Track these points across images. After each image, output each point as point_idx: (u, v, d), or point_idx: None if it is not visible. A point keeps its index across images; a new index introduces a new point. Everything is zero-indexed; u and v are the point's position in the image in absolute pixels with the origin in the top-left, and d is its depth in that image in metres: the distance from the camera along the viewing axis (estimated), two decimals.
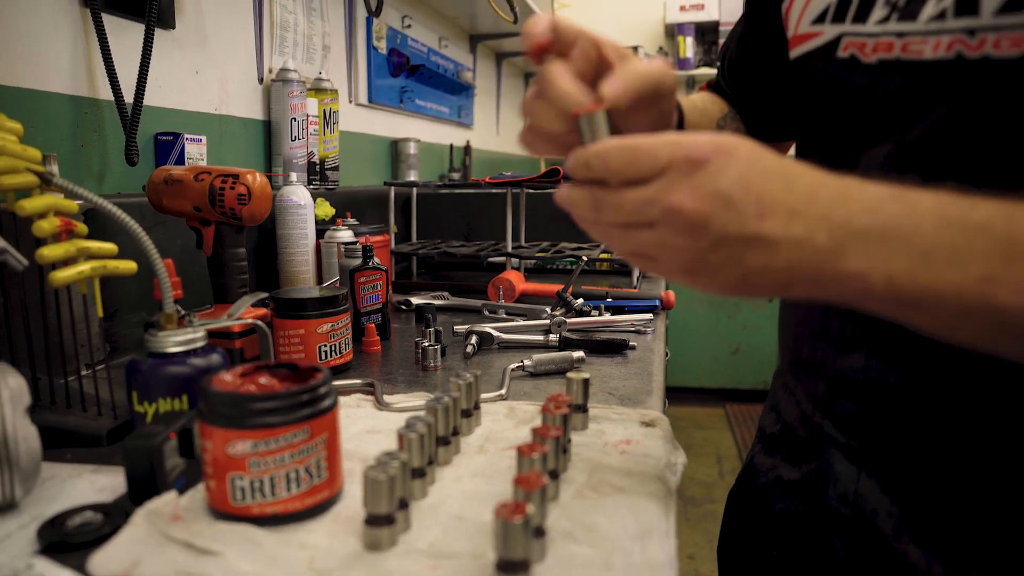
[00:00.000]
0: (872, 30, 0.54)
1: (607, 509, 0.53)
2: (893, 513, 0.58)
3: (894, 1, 0.53)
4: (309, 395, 0.51)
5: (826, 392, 0.63)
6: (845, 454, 0.62)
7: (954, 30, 0.49)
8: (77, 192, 0.63)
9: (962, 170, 0.49)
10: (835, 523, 0.62)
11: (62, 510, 0.53)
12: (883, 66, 0.54)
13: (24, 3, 0.91)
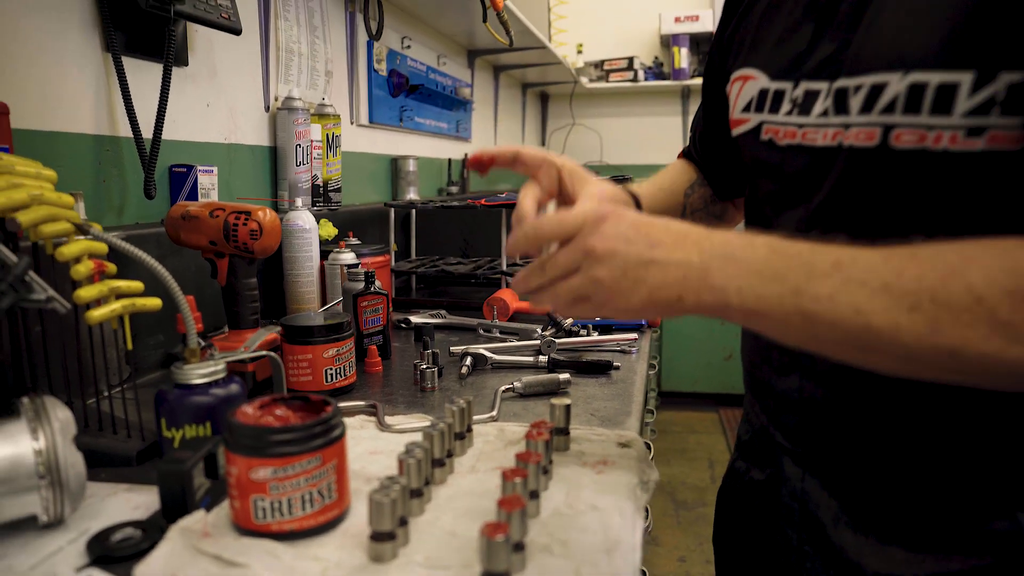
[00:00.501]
0: (782, 120, 0.67)
1: (581, 525, 0.61)
2: (831, 506, 0.70)
3: (794, 99, 0.66)
4: (321, 427, 0.59)
5: (774, 408, 0.75)
6: (792, 459, 0.74)
7: (835, 124, 0.62)
8: (112, 242, 0.71)
9: (852, 228, 0.60)
10: (787, 516, 0.75)
11: (105, 527, 0.61)
12: (791, 149, 0.67)
13: (53, 51, 0.98)
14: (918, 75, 0.55)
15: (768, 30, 0.73)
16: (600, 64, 4.38)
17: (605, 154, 4.56)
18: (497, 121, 3.54)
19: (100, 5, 1.05)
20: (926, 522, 0.64)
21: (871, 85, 0.58)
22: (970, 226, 0.54)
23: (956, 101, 0.54)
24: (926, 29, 0.55)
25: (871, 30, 0.60)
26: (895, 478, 0.65)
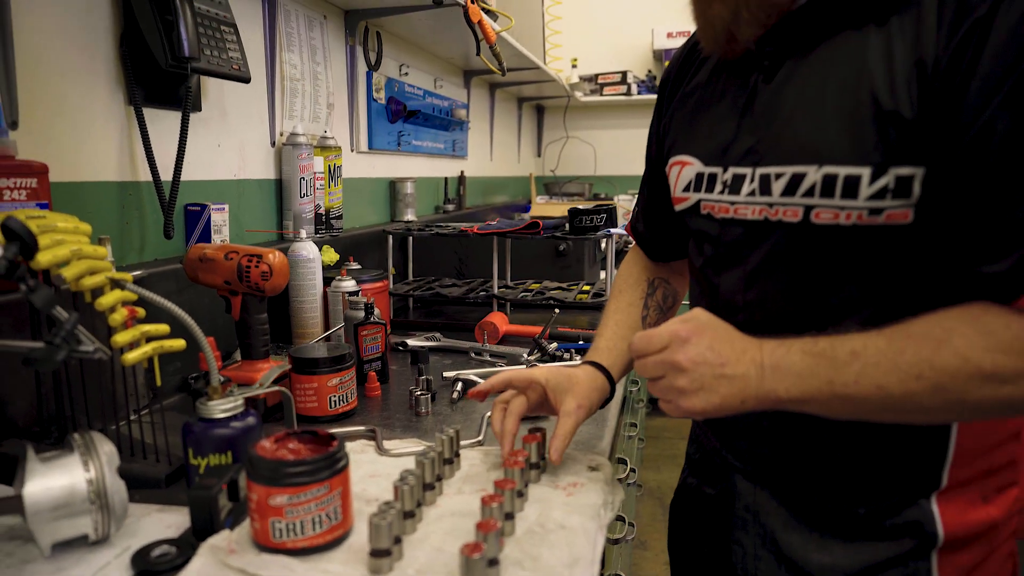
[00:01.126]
0: (716, 198, 0.80)
1: (549, 542, 0.71)
2: (780, 513, 0.82)
3: (725, 181, 0.79)
4: (328, 460, 0.69)
5: (726, 434, 0.87)
6: (744, 476, 0.86)
7: (761, 203, 0.74)
8: (143, 294, 0.82)
9: (782, 286, 0.74)
10: (741, 525, 0.86)
11: (144, 544, 0.71)
12: (727, 221, 0.79)
13: (83, 109, 1.09)
14: (830, 168, 0.68)
15: (699, 124, 0.85)
16: (594, 78, 4.48)
17: (599, 166, 4.67)
18: (493, 136, 3.64)
19: (124, 65, 1.15)
20: (857, 518, 0.77)
21: (791, 174, 0.71)
22: (877, 280, 0.69)
23: (860, 189, 0.66)
24: (834, 133, 0.68)
25: (785, 131, 0.73)
26: (829, 485, 0.78)
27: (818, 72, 0.71)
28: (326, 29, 1.83)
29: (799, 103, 0.72)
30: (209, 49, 1.21)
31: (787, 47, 0.74)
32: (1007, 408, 0.64)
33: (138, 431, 0.95)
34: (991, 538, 0.76)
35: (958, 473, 0.74)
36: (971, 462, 0.74)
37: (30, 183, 0.93)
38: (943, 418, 0.69)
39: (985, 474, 0.75)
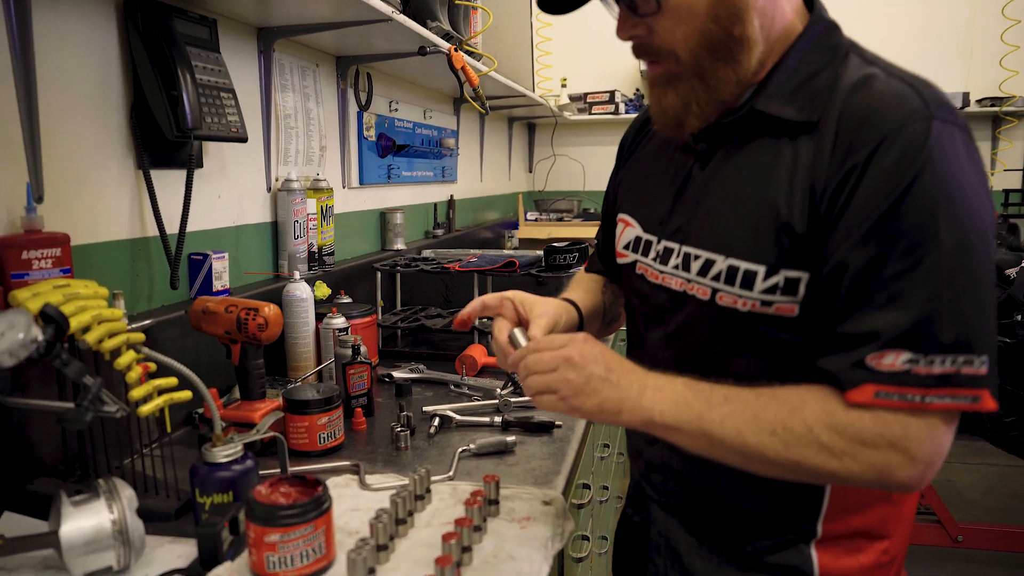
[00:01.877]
0: (650, 263, 0.92)
1: (500, 571, 0.85)
2: (687, 540, 0.94)
3: (658, 250, 0.91)
4: (314, 504, 0.83)
5: (644, 468, 1.00)
6: (659, 506, 0.98)
7: (683, 277, 0.87)
8: (157, 359, 0.95)
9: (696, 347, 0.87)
10: (656, 548, 0.98)
11: (159, 573, 0.84)
12: (655, 286, 0.92)
13: (98, 177, 1.22)
14: (734, 261, 0.80)
15: (644, 191, 0.98)
16: (583, 97, 4.62)
17: (588, 182, 4.80)
18: (483, 156, 3.77)
19: (134, 134, 1.29)
20: (748, 552, 0.89)
21: (705, 259, 0.84)
22: (768, 356, 0.82)
23: (756, 282, 0.79)
24: (739, 231, 0.81)
25: (706, 219, 0.85)
26: (724, 522, 0.90)
27: (739, 172, 0.83)
28: (318, 76, 1.96)
29: (720, 197, 0.84)
30: (210, 116, 1.34)
31: (719, 143, 0.86)
32: (833, 478, 0.75)
33: (148, 465, 1.08)
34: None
35: (832, 527, 0.85)
36: (844, 518, 0.85)
37: (55, 252, 1.07)
38: (782, 474, 0.76)
39: (858, 528, 0.86)
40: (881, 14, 4.40)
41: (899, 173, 0.71)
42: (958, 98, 4.14)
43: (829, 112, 0.77)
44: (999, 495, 3.29)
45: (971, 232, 0.71)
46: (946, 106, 0.74)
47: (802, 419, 0.73)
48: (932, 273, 0.70)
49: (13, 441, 1.00)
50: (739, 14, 0.78)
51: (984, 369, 0.70)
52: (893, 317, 0.71)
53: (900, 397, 0.70)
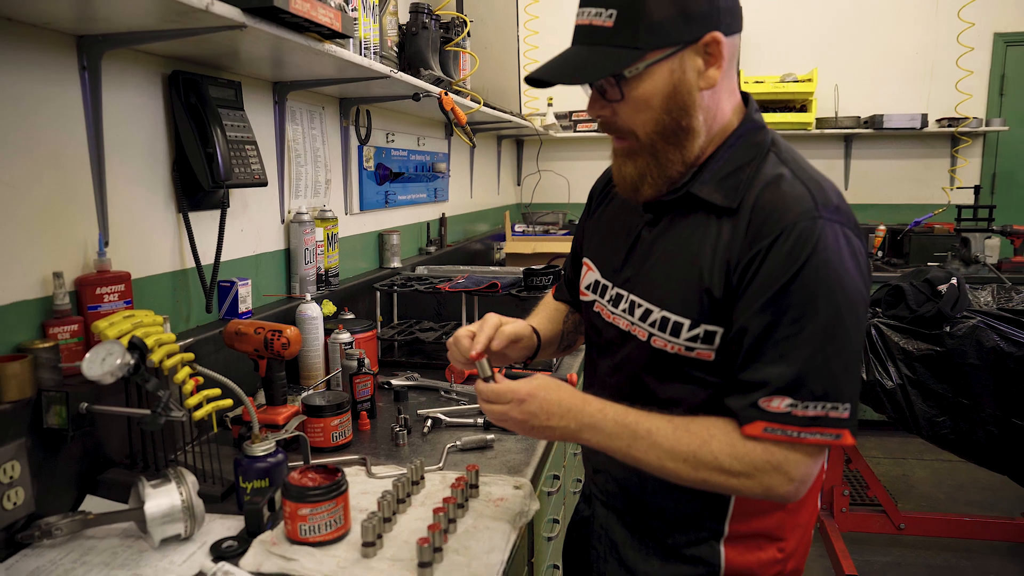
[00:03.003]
0: (604, 304, 1.13)
1: (478, 538, 1.11)
2: (622, 533, 1.16)
3: (611, 295, 1.11)
4: (335, 486, 1.09)
5: (592, 471, 1.22)
6: (600, 502, 1.20)
7: (628, 319, 1.07)
8: (206, 374, 1.21)
9: (637, 377, 1.08)
10: (598, 539, 1.21)
11: (215, 540, 1.10)
12: (608, 323, 1.12)
13: (148, 220, 1.48)
14: (666, 313, 1.02)
15: (605, 242, 1.17)
16: (569, 115, 4.89)
17: (572, 195, 5.07)
18: (473, 174, 4.03)
19: (175, 184, 1.54)
20: (669, 545, 1.10)
21: (646, 308, 1.05)
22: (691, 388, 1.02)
23: (681, 332, 1.00)
24: (672, 290, 1.01)
25: (648, 275, 1.06)
26: (653, 519, 1.11)
27: (676, 239, 1.02)
28: (324, 116, 2.22)
29: (660, 258, 1.03)
30: (238, 167, 1.59)
31: (664, 213, 1.05)
32: (732, 492, 0.99)
33: (196, 461, 1.34)
34: (759, 573, 1.07)
35: (736, 527, 1.05)
36: (747, 521, 1.05)
37: (120, 288, 1.32)
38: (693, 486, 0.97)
39: (759, 530, 1.05)
40: (848, 39, 4.69)
41: (791, 260, 0.91)
42: (917, 119, 4.42)
43: (746, 202, 0.96)
44: (947, 487, 3.57)
45: (843, 308, 0.91)
46: (832, 206, 0.93)
47: (709, 450, 0.94)
48: (810, 339, 0.90)
49: (89, 441, 1.26)
50: (687, 110, 0.97)
51: (846, 414, 0.91)
52: (779, 371, 0.91)
53: (783, 432, 0.91)
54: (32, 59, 1.19)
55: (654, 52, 0.94)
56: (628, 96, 0.97)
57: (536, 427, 1.02)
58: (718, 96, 1.00)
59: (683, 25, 0.93)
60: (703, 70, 0.96)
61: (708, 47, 0.95)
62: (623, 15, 0.93)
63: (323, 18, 1.35)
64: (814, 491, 1.09)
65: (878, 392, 2.52)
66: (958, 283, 2.53)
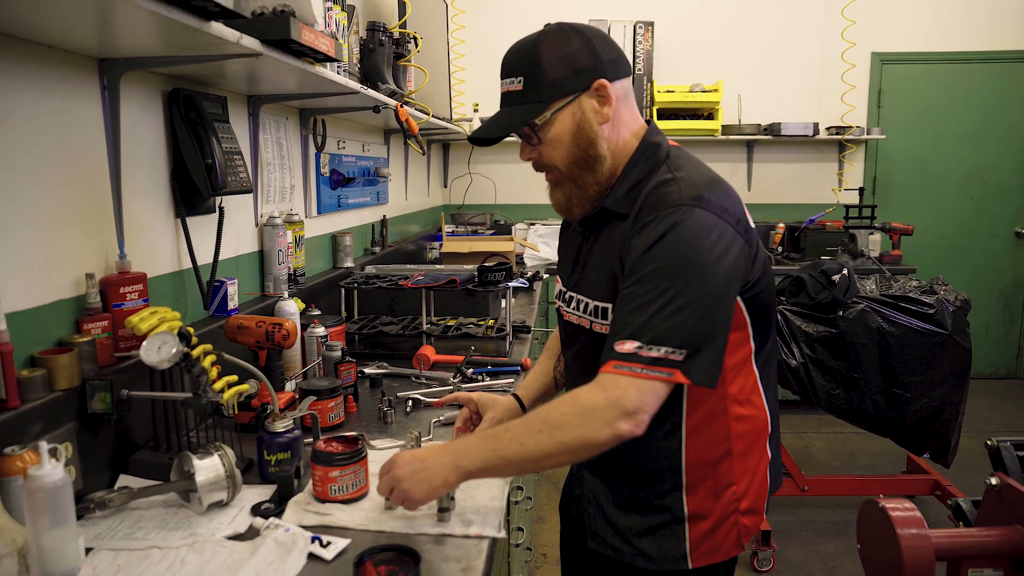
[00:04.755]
0: (565, 307, 1.36)
1: (480, 490, 1.32)
2: (605, 492, 1.36)
3: (567, 298, 1.35)
4: (358, 452, 1.28)
5: None
6: (588, 471, 1.40)
7: (578, 315, 1.30)
8: (233, 361, 1.37)
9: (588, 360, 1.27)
10: (588, 500, 1.40)
11: (254, 503, 1.27)
12: (567, 321, 1.36)
13: (153, 225, 1.61)
14: (597, 302, 1.26)
15: (563, 259, 1.43)
16: None
17: (499, 196, 5.31)
18: (407, 177, 4.21)
19: (173, 192, 1.68)
20: (642, 499, 1.28)
21: (586, 302, 1.29)
22: None
23: (607, 314, 1.24)
24: (601, 283, 1.25)
25: (586, 276, 1.30)
26: (628, 478, 1.28)
27: (600, 245, 1.25)
28: (287, 126, 2.37)
29: (592, 261, 1.28)
30: (230, 176, 1.74)
31: (593, 226, 1.31)
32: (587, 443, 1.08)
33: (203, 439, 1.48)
34: (719, 516, 1.25)
35: (692, 478, 1.23)
36: (699, 471, 1.23)
37: (139, 287, 1.46)
38: (567, 459, 1.11)
39: (712, 478, 1.23)
40: (750, 54, 5.14)
41: (650, 238, 1.12)
42: (810, 127, 4.91)
43: (637, 206, 1.18)
44: (842, 456, 4.03)
45: (690, 274, 1.09)
46: (696, 196, 1.12)
47: (558, 411, 1.10)
48: (662, 297, 1.09)
49: (120, 425, 1.39)
50: (592, 141, 1.20)
51: (681, 357, 1.07)
52: (632, 319, 1.10)
53: (628, 368, 1.08)
54: (63, 80, 1.32)
55: (556, 102, 1.18)
56: (544, 139, 1.21)
57: (417, 473, 1.13)
58: (616, 126, 1.23)
59: (575, 78, 1.18)
60: (598, 108, 1.20)
61: (598, 90, 1.19)
62: (528, 80, 1.18)
63: (323, 46, 1.53)
64: (760, 441, 1.30)
65: (784, 370, 2.89)
66: (848, 273, 2.93)
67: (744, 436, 1.27)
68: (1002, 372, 5.48)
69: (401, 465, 1.14)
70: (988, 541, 1.25)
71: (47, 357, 1.24)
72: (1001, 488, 1.28)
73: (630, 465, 1.30)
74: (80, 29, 1.18)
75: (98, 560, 1.10)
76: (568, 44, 1.19)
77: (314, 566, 1.10)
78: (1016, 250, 5.37)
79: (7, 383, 1.14)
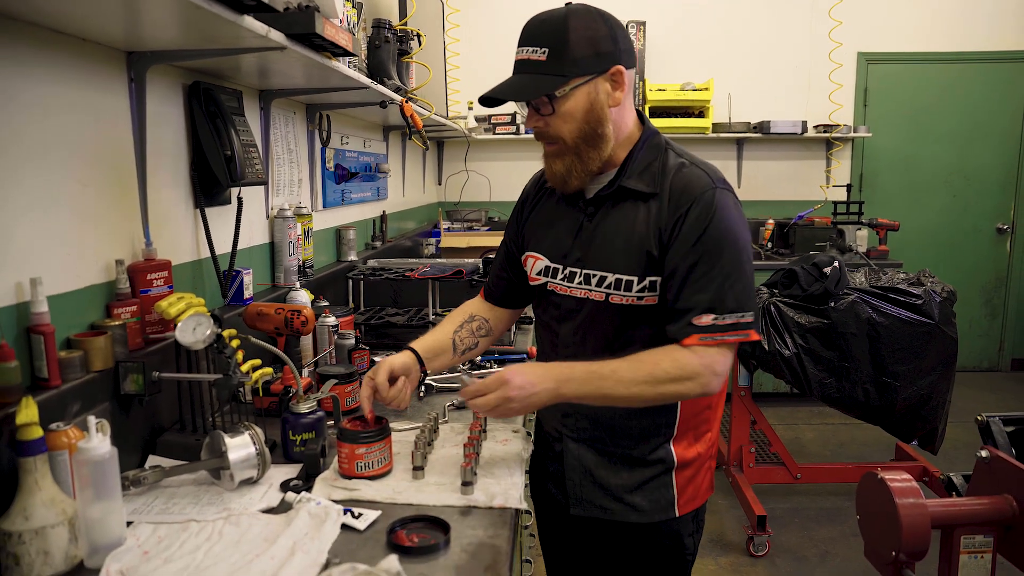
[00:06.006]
0: (559, 282, 1.40)
1: (499, 466, 1.38)
2: (592, 457, 1.42)
3: (564, 274, 1.38)
4: (383, 430, 1.33)
5: (561, 417, 1.46)
6: (572, 439, 1.45)
7: (584, 288, 1.35)
8: (260, 344, 1.42)
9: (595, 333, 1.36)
10: (571, 470, 1.45)
11: (282, 480, 1.32)
12: (565, 296, 1.39)
13: (175, 215, 1.65)
14: (619, 275, 1.32)
15: (549, 235, 1.44)
16: (488, 118, 5.18)
17: (493, 193, 5.37)
18: (405, 175, 4.26)
19: (193, 183, 1.72)
20: (634, 456, 1.38)
21: (600, 275, 1.34)
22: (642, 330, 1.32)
23: (632, 287, 1.31)
24: (621, 257, 1.31)
25: (599, 251, 1.34)
26: (621, 438, 1.37)
27: (616, 222, 1.31)
28: (295, 121, 2.41)
29: (604, 238, 1.34)
30: (247, 167, 1.79)
31: (599, 206, 1.36)
32: (682, 396, 1.28)
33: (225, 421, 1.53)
34: (700, 462, 1.40)
35: (682, 427, 1.36)
36: (688, 421, 1.36)
37: (164, 274, 1.51)
38: (657, 402, 1.28)
39: (695, 427, 1.37)
40: (740, 54, 5.22)
41: (702, 220, 1.24)
42: (798, 125, 5.00)
43: (663, 186, 1.29)
44: (832, 445, 4.12)
45: (739, 249, 1.26)
46: (722, 179, 1.29)
47: (662, 368, 1.23)
48: (719, 272, 1.24)
49: (150, 407, 1.43)
50: (601, 121, 1.27)
51: (750, 319, 1.25)
52: (702, 297, 1.24)
53: (711, 339, 1.23)
54: (94, 72, 1.36)
55: (576, 79, 1.25)
56: (558, 111, 1.27)
57: (527, 397, 1.22)
58: (622, 112, 1.31)
59: (596, 60, 1.25)
60: (611, 92, 1.28)
61: (614, 76, 1.27)
62: (553, 52, 1.24)
63: (342, 41, 1.58)
64: (723, 390, 1.39)
65: (778, 360, 2.96)
66: (840, 265, 3.01)
67: None
68: (985, 365, 5.60)
69: (514, 388, 1.22)
70: (980, 509, 1.32)
71: (83, 339, 1.28)
72: (991, 460, 1.36)
73: (628, 427, 1.38)
74: (114, 20, 1.23)
75: (139, 532, 1.15)
76: (595, 26, 1.25)
77: (348, 536, 1.15)
78: (998, 246, 5.49)
79: (49, 363, 1.18)
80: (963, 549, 1.33)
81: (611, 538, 1.44)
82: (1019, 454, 1.45)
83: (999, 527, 1.31)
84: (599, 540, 1.46)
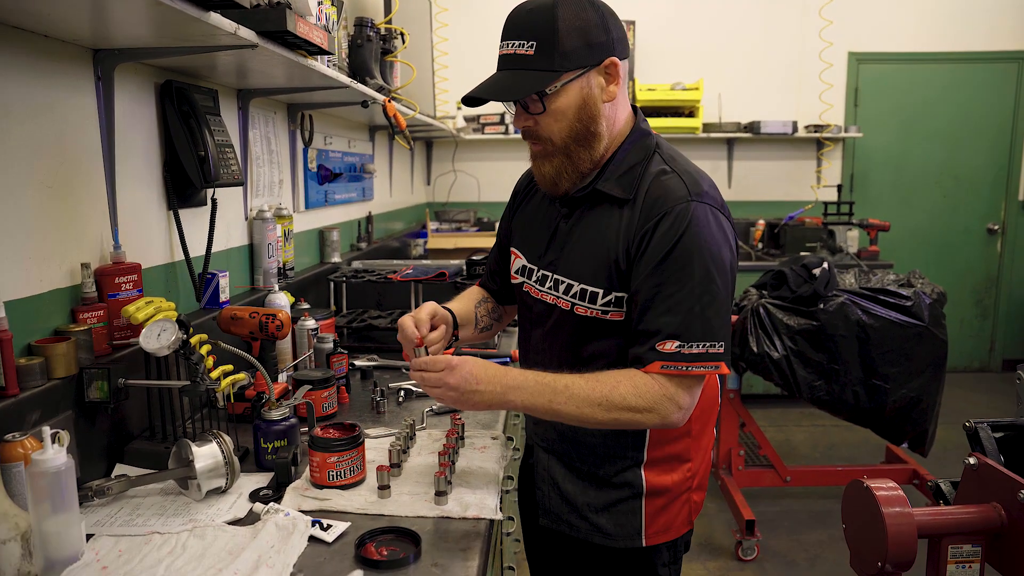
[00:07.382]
0: (532, 284, 1.35)
1: (475, 475, 1.34)
2: (560, 470, 1.37)
3: (538, 276, 1.33)
4: (355, 439, 1.29)
5: (533, 424, 1.43)
6: (542, 449, 1.41)
7: (553, 294, 1.29)
8: (231, 350, 1.38)
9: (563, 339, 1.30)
10: (541, 477, 1.41)
11: (252, 489, 1.28)
12: (536, 299, 1.34)
13: (145, 219, 1.61)
14: (584, 285, 1.25)
15: (529, 233, 1.37)
16: (477, 119, 5.14)
17: (482, 194, 5.33)
18: (392, 175, 4.21)
19: (166, 184, 1.68)
20: (600, 475, 1.31)
21: (567, 283, 1.28)
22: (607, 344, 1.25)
23: (597, 299, 1.25)
24: (589, 267, 1.25)
25: (568, 257, 1.29)
26: (587, 455, 1.31)
27: (588, 227, 1.24)
28: (275, 121, 2.37)
29: (576, 243, 1.25)
30: (222, 168, 1.75)
31: (576, 207, 1.27)
32: (637, 426, 1.19)
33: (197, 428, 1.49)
34: (675, 492, 1.31)
35: (653, 454, 1.28)
36: (661, 448, 1.28)
37: (133, 278, 1.47)
38: (607, 427, 1.20)
39: (671, 455, 1.29)
40: (730, 53, 5.20)
41: (671, 234, 1.14)
42: (789, 125, 4.98)
43: (639, 194, 1.20)
44: (822, 447, 4.10)
45: (712, 269, 1.14)
46: (701, 192, 1.17)
47: (618, 392, 1.15)
48: (689, 294, 1.13)
49: (116, 415, 1.39)
50: (595, 118, 1.20)
51: (721, 350, 1.15)
52: (668, 320, 1.14)
53: (675, 368, 1.14)
54: (58, 71, 1.32)
55: (567, 74, 1.16)
56: (548, 108, 1.18)
57: (467, 391, 1.16)
58: (616, 107, 1.23)
59: (588, 52, 1.16)
60: (605, 86, 1.20)
61: (608, 68, 1.19)
62: (541, 46, 1.15)
63: (316, 39, 1.55)
64: (710, 421, 1.37)
65: (767, 362, 2.94)
66: (829, 267, 2.98)
67: (700, 416, 1.31)
68: (976, 366, 5.59)
69: (458, 377, 1.15)
70: (967, 518, 1.29)
71: (45, 345, 1.24)
72: (979, 467, 1.33)
73: (593, 444, 1.32)
74: (77, 16, 1.19)
75: (99, 546, 1.11)
76: (585, 14, 1.16)
77: (315, 549, 1.11)
78: (988, 246, 5.49)
79: (6, 370, 1.14)
80: (951, 559, 1.29)
81: (579, 557, 1.37)
82: (1008, 461, 1.42)
83: (987, 536, 1.28)
84: (568, 557, 1.40)
